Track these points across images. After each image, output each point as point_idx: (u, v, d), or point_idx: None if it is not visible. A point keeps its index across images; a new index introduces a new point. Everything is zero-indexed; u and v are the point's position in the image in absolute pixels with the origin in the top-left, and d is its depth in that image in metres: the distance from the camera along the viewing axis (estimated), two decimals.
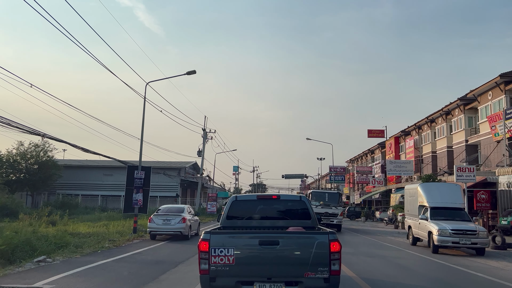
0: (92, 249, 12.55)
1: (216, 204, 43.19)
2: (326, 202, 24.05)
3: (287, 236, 5.83)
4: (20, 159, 39.88)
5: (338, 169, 60.07)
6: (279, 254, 5.42)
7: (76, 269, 9.10)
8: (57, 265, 9.80)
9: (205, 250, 5.37)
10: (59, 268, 9.29)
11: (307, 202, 7.35)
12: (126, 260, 10.79)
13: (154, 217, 16.38)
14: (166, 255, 12.10)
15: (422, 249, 15.10)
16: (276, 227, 7.04)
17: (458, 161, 33.10)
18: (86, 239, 14.83)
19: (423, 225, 14.80)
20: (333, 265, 5.35)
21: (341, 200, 25.60)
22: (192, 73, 19.49)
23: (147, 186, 18.94)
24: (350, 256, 12.14)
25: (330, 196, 25.05)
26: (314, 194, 25.41)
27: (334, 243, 5.41)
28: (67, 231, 16.60)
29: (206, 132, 43.19)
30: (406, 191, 17.96)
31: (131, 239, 16.27)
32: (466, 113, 33.10)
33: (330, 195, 25.17)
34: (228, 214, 7.14)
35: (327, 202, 24.07)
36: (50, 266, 9.56)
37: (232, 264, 5.33)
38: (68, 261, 10.32)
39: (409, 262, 12.00)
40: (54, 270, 8.98)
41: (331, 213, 23.54)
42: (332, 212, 23.63)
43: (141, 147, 19.29)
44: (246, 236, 5.72)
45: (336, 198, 24.92)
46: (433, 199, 14.95)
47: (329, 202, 24.11)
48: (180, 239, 16.48)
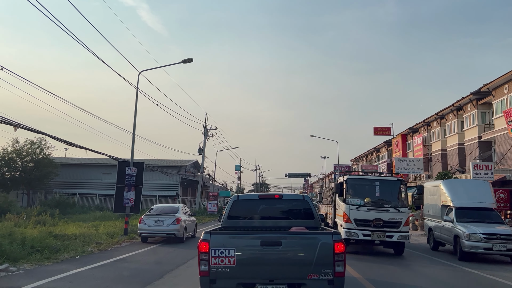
0: (71, 254, 11.15)
1: (217, 204, 41.95)
2: (378, 199, 13.06)
3: (289, 236, 5.67)
4: (15, 156, 38.71)
5: (343, 168, 58.51)
6: (281, 255, 5.31)
7: (37, 282, 7.59)
8: (18, 275, 8.36)
9: (205, 251, 5.24)
10: (17, 280, 7.85)
11: (310, 201, 7.14)
12: (104, 269, 9.38)
13: (145, 218, 14.94)
14: (154, 262, 10.65)
15: (446, 255, 13.32)
16: (279, 227, 6.83)
17: (471, 158, 31.48)
18: (70, 241, 13.50)
19: (447, 228, 13.06)
20: (337, 267, 5.22)
21: (404, 195, 13.33)
22: (189, 61, 18.07)
23: (140, 184, 17.47)
24: (362, 263, 10.68)
25: (383, 186, 13.31)
26: (351, 184, 13.45)
27: (338, 243, 5.28)
28: (52, 232, 15.28)
29: (207, 129, 41.98)
30: (426, 189, 16.14)
31: (120, 242, 14.88)
32: (479, 108, 31.44)
33: (384, 185, 13.36)
34: (229, 214, 6.98)
35: (379, 199, 13.07)
36: (8, 278, 8.10)
37: (233, 266, 5.20)
38: (35, 271, 8.87)
39: (433, 271, 10.49)
40: (9, 283, 7.53)
41: (388, 221, 12.66)
42: (390, 218, 12.69)
43: (133, 140, 17.86)
44: (247, 237, 5.60)
45: (396, 191, 13.30)
46: (458, 198, 13.16)
47: (382, 198, 13.10)
48: (174, 242, 15.04)
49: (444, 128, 37.78)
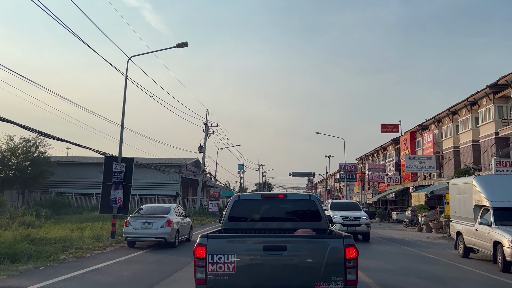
0: (39, 263, 9.48)
1: (218, 204, 40.36)
2: None
3: (295, 240, 5.26)
4: (10, 155, 37.28)
5: (349, 167, 56.68)
6: (286, 261, 4.91)
7: None
8: None
9: (201, 257, 4.85)
10: None
11: (317, 201, 6.69)
12: (66, 285, 7.64)
13: (131, 220, 13.22)
14: (132, 275, 8.81)
15: (481, 264, 11.28)
16: (283, 230, 6.44)
17: (487, 156, 29.60)
18: (47, 246, 11.90)
19: (484, 232, 11.02)
20: (348, 274, 4.80)
21: None
22: (184, 45, 16.35)
23: (129, 182, 15.76)
24: (387, 277, 8.93)
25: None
26: None
27: (350, 248, 4.86)
28: (30, 235, 13.68)
29: (208, 126, 40.44)
30: (453, 186, 14.00)
31: (105, 246, 13.23)
32: (496, 102, 29.51)
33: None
34: (230, 214, 6.54)
35: None
36: None
37: (232, 273, 4.81)
38: None
39: (472, 285, 8.75)
40: None
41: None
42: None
43: (122, 133, 16.15)
44: (248, 241, 5.23)
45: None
46: (497, 196, 11.03)
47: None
48: (165, 247, 13.36)
49: (457, 124, 35.90)
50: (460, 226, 12.52)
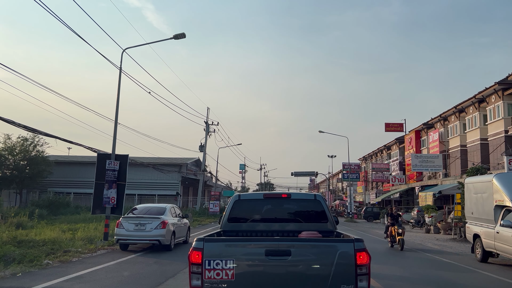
0: (18, 268, 8.65)
1: (219, 204, 39.55)
2: None
3: (301, 244, 4.70)
4: (7, 154, 36.54)
5: (352, 166, 55.74)
6: (290, 268, 4.43)
7: None
8: None
9: (197, 262, 4.40)
10: None
11: (323, 201, 6.31)
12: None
13: (123, 221, 12.37)
14: (118, 283, 7.84)
15: (503, 270, 10.32)
16: (286, 232, 6.11)
17: (496, 154, 28.67)
18: (34, 249, 11.13)
19: (506, 235, 10.10)
20: (359, 282, 4.30)
21: None
22: (181, 37, 15.59)
23: (123, 180, 14.92)
24: (405, 286, 8.07)
25: None
26: None
27: (361, 253, 4.35)
28: (17, 237, 12.91)
29: (209, 125, 39.67)
30: (469, 185, 13.07)
31: (96, 249, 12.40)
32: (506, 99, 28.57)
33: None
34: (230, 215, 6.19)
35: None
36: None
37: (231, 280, 4.36)
38: None
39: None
40: None
41: None
42: None
43: (115, 129, 15.34)
44: (249, 245, 4.73)
45: None
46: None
47: None
48: (160, 250, 12.53)
49: (464, 123, 34.95)
50: (478, 228, 11.56)
